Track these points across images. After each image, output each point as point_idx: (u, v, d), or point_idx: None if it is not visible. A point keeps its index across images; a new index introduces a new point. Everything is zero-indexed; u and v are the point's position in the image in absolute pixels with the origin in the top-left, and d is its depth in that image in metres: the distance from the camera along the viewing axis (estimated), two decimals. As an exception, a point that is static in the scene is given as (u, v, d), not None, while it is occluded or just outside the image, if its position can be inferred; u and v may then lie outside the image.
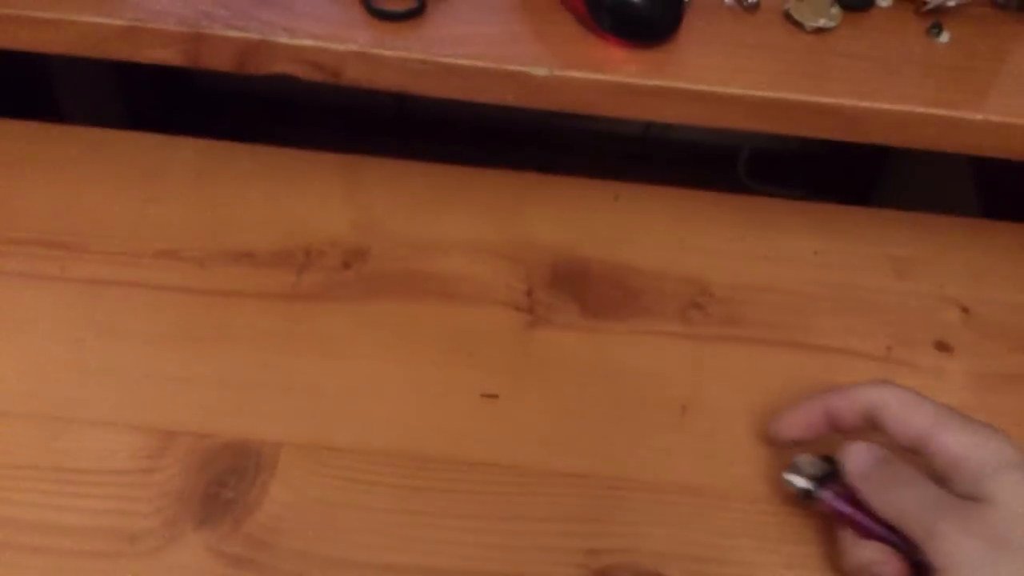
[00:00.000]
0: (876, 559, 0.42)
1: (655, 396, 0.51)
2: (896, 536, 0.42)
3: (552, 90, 0.50)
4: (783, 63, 0.51)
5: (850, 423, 0.45)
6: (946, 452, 0.42)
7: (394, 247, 0.56)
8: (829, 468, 0.45)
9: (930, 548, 0.40)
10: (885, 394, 0.44)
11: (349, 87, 0.51)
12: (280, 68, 0.50)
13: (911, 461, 0.43)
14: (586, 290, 0.55)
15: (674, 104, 0.50)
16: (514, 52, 0.50)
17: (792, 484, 0.45)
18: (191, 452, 0.47)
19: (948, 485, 0.41)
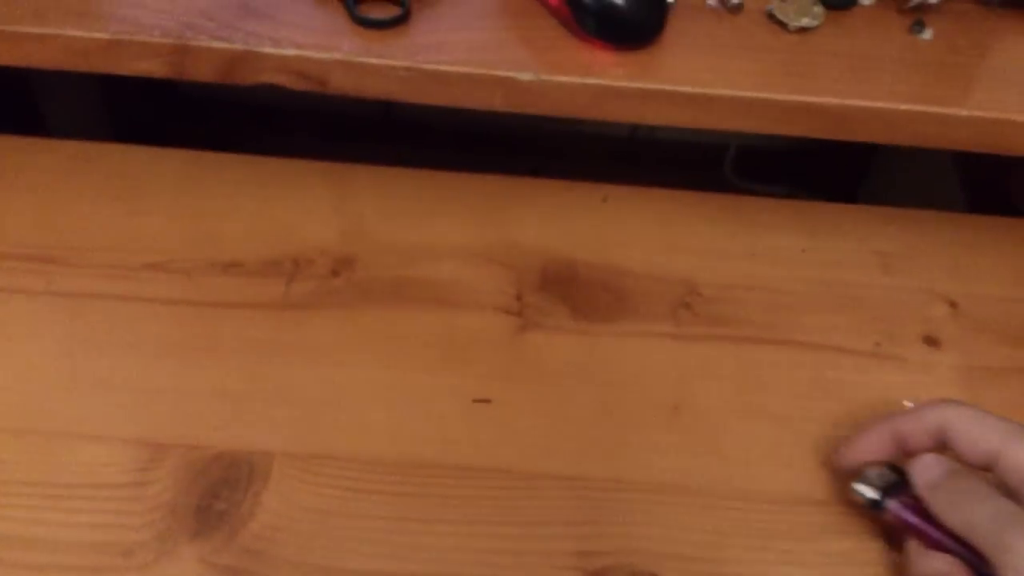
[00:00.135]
0: (943, 571, 0.42)
1: (646, 397, 0.51)
2: (964, 548, 0.42)
3: (538, 95, 0.50)
4: (767, 63, 0.51)
5: (919, 444, 0.45)
6: (1018, 468, 0.42)
7: (383, 254, 0.56)
8: (897, 479, 0.45)
9: (1000, 562, 0.39)
10: (953, 413, 0.44)
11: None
12: (266, 78, 0.50)
13: (982, 476, 0.43)
14: (576, 293, 0.55)
15: (660, 106, 0.50)
16: (499, 57, 0.50)
17: (860, 494, 0.45)
18: (183, 464, 0.47)
19: (1020, 501, 0.41)
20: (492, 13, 0.52)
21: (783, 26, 0.52)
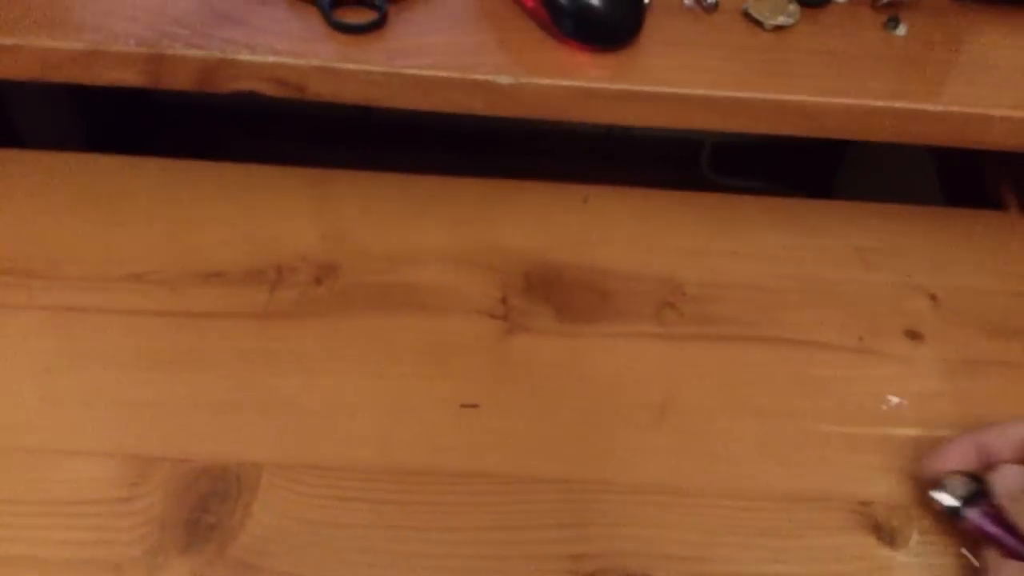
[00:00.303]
0: None
1: (633, 397, 0.51)
2: None
3: (518, 97, 0.50)
4: (744, 62, 0.51)
5: (1002, 456, 0.45)
6: None
7: (366, 260, 0.55)
8: (976, 488, 0.45)
9: None
10: None
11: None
12: (243, 85, 0.50)
13: None
14: (560, 295, 0.55)
15: (639, 107, 0.50)
16: (478, 61, 0.50)
17: (939, 502, 0.45)
18: (171, 478, 0.46)
19: None
20: (469, 16, 0.52)
21: (759, 25, 0.53)
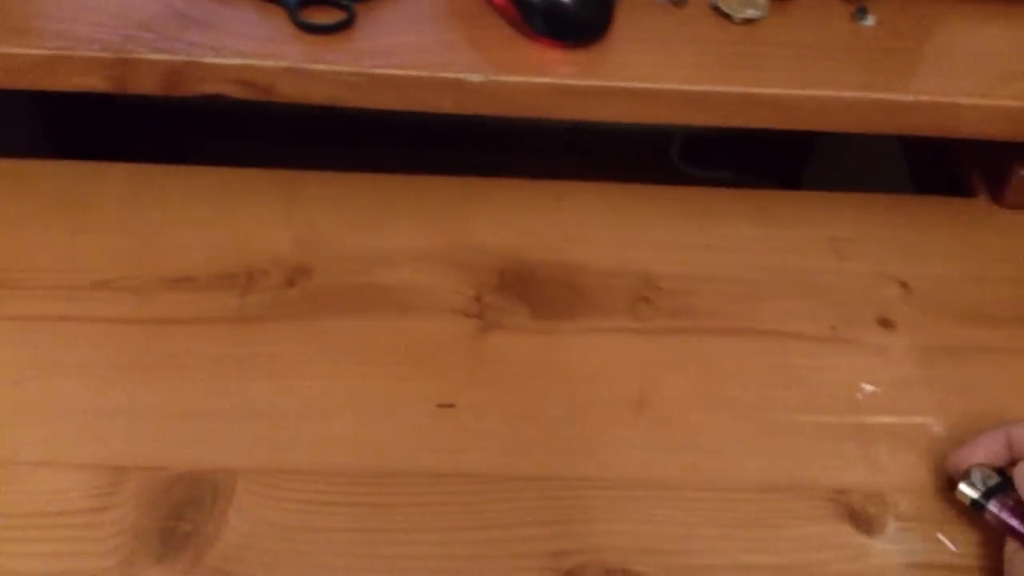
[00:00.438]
0: None
1: (610, 392, 0.51)
2: None
3: (489, 95, 0.50)
4: (714, 56, 0.51)
5: None
6: None
7: (338, 262, 0.55)
8: (1002, 482, 0.45)
9: None
10: None
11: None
12: (210, 88, 0.49)
13: None
14: (534, 292, 0.55)
15: (610, 103, 0.50)
16: (448, 59, 0.50)
17: (964, 494, 0.46)
18: (144, 487, 0.46)
19: None
20: (438, 15, 0.52)
21: (728, 18, 0.53)
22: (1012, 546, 0.44)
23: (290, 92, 0.50)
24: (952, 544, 0.46)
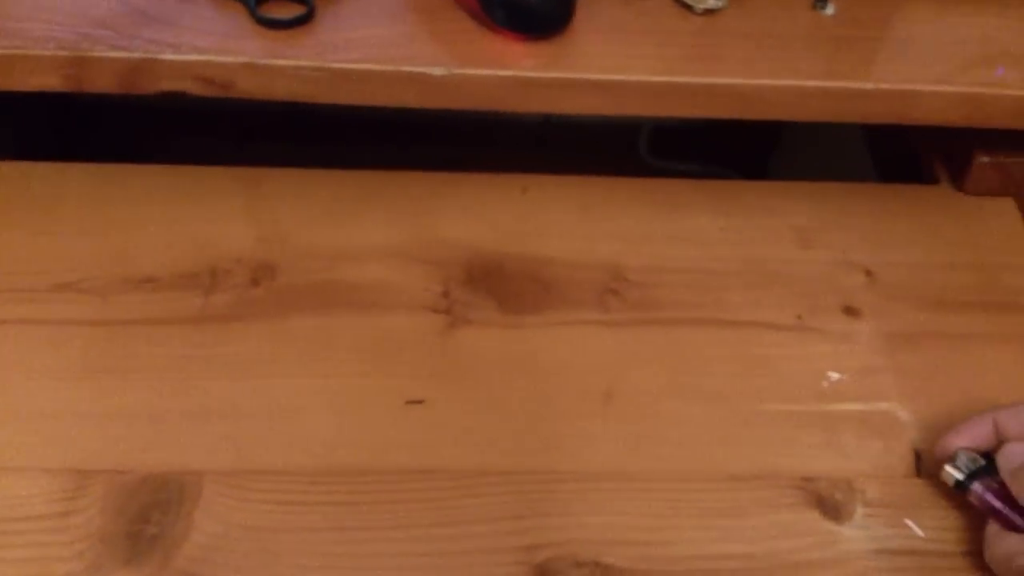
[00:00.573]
0: (1016, 550, 0.43)
1: (579, 385, 0.51)
2: None
3: (452, 89, 0.49)
4: (676, 47, 0.51)
5: (1017, 434, 0.46)
6: None
7: (303, 259, 0.55)
8: (984, 464, 0.46)
9: None
10: None
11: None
12: (168, 85, 0.49)
13: None
14: (502, 286, 0.55)
15: (574, 95, 0.50)
16: (409, 53, 0.49)
17: (949, 475, 0.46)
18: (109, 490, 0.45)
19: None
20: (399, 8, 0.51)
21: (689, 9, 0.53)
22: (992, 527, 0.45)
23: (250, 88, 0.49)
24: (920, 529, 0.47)
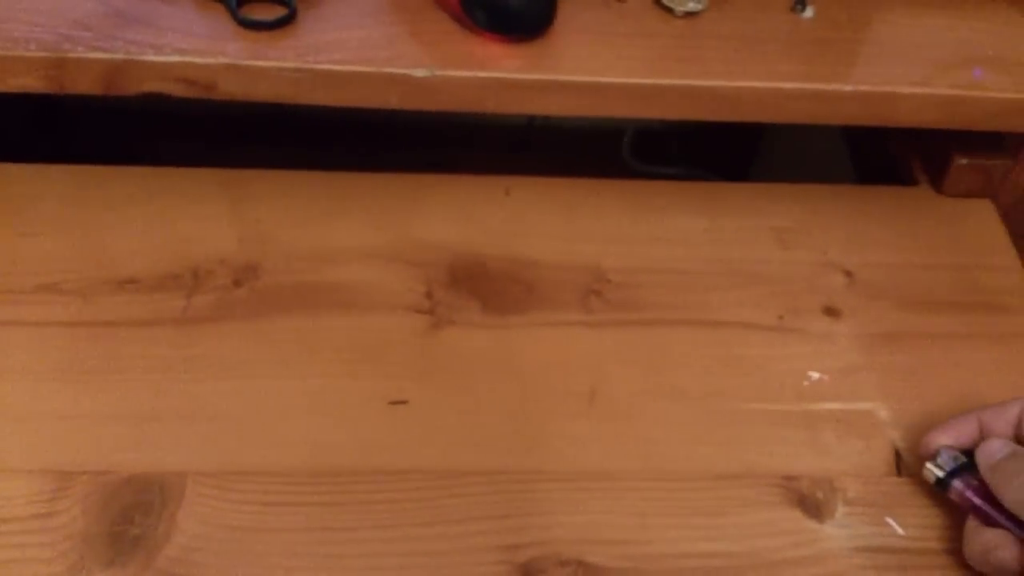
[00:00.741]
0: (997, 543, 0.43)
1: (562, 385, 0.51)
2: (1019, 527, 0.43)
3: (434, 90, 0.50)
4: (657, 49, 0.52)
5: (1001, 433, 0.46)
6: None
7: (286, 260, 0.55)
8: (964, 461, 0.46)
9: None
10: None
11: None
12: (150, 87, 0.49)
13: None
14: (485, 287, 0.55)
15: (555, 96, 0.50)
16: (392, 54, 0.50)
17: (930, 472, 0.47)
18: (91, 491, 0.45)
19: None
20: (381, 10, 0.52)
21: (670, 11, 0.53)
22: (972, 523, 0.45)
23: (232, 89, 0.49)
24: (900, 527, 0.47)
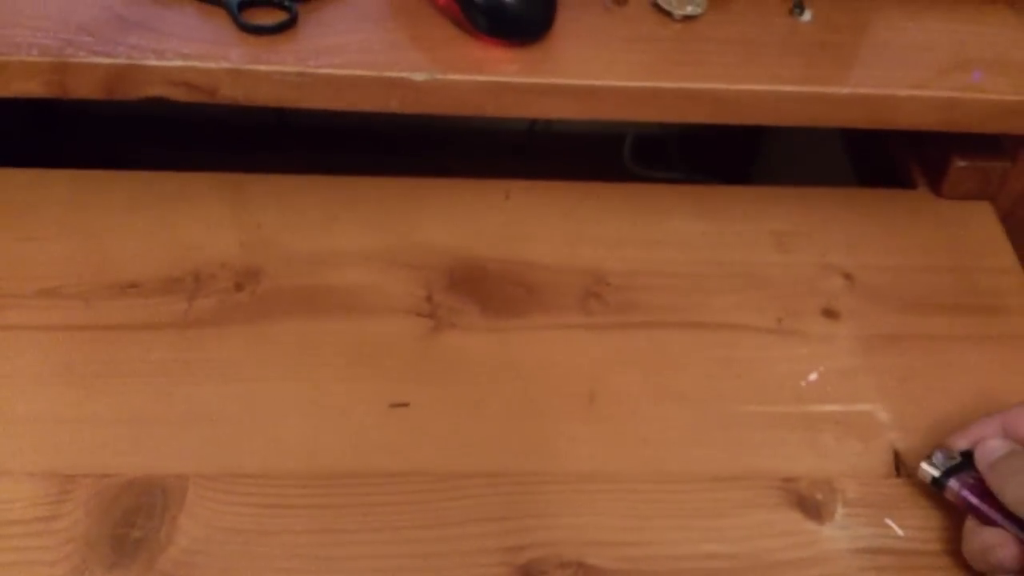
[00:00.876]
0: (995, 542, 0.43)
1: (562, 388, 0.51)
2: (1017, 527, 0.43)
3: (434, 94, 0.50)
4: (656, 53, 0.52)
5: (1017, 435, 0.46)
6: None
7: (287, 264, 0.55)
8: (962, 461, 0.46)
9: None
10: None
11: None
12: (152, 91, 0.49)
13: None
14: (485, 290, 0.55)
15: (555, 100, 0.51)
16: (392, 59, 0.50)
17: (925, 472, 0.46)
18: (94, 494, 0.45)
19: None
20: (381, 14, 0.52)
21: (668, 15, 0.54)
22: (970, 522, 0.45)
23: (234, 94, 0.49)
24: (899, 528, 0.47)
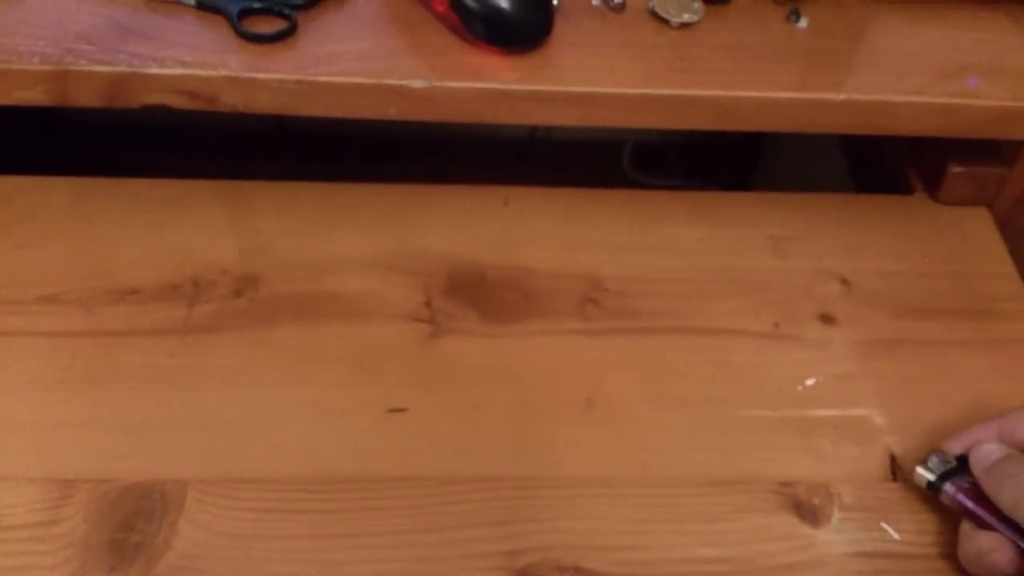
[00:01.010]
0: (991, 546, 0.43)
1: (560, 393, 0.52)
2: (1013, 530, 0.43)
3: (433, 102, 0.50)
4: (653, 60, 0.52)
5: (1021, 438, 0.46)
6: None
7: (286, 270, 0.55)
8: (957, 465, 0.46)
9: None
10: None
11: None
12: (153, 99, 0.49)
13: None
14: (483, 296, 0.55)
15: (553, 107, 0.51)
16: (391, 66, 0.50)
17: (920, 476, 0.47)
18: (93, 499, 0.45)
19: None
20: (380, 22, 0.52)
21: (665, 23, 0.54)
22: (966, 526, 0.45)
23: (234, 101, 0.50)
24: (896, 533, 0.47)
